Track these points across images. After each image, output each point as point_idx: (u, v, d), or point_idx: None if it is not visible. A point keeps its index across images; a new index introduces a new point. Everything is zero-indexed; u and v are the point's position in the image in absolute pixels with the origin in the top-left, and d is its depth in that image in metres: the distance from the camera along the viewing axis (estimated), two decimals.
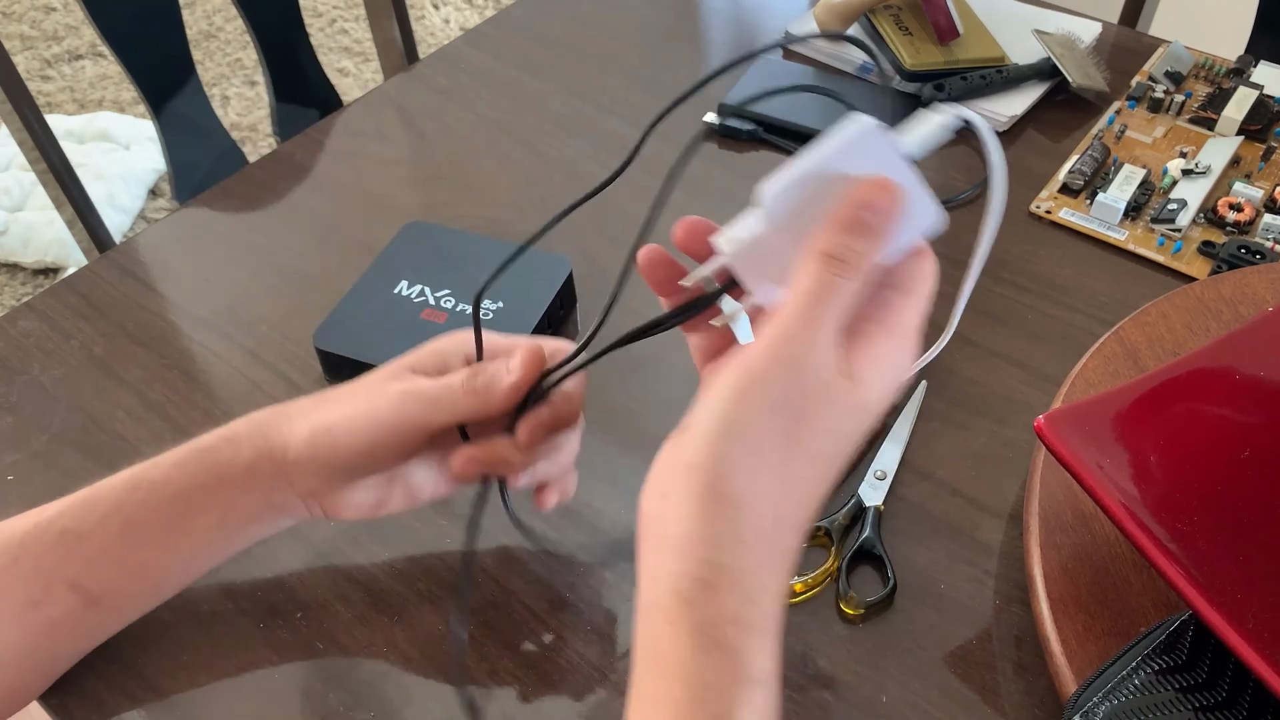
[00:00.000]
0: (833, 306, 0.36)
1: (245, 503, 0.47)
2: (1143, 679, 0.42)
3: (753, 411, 0.35)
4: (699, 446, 0.35)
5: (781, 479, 0.35)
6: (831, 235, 0.36)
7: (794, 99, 0.79)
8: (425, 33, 2.28)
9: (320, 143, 0.79)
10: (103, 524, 0.45)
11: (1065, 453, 0.46)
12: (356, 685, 0.49)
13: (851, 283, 0.36)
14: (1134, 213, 0.70)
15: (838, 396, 0.36)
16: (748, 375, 0.35)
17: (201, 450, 0.47)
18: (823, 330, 0.35)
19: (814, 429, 0.35)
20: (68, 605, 0.45)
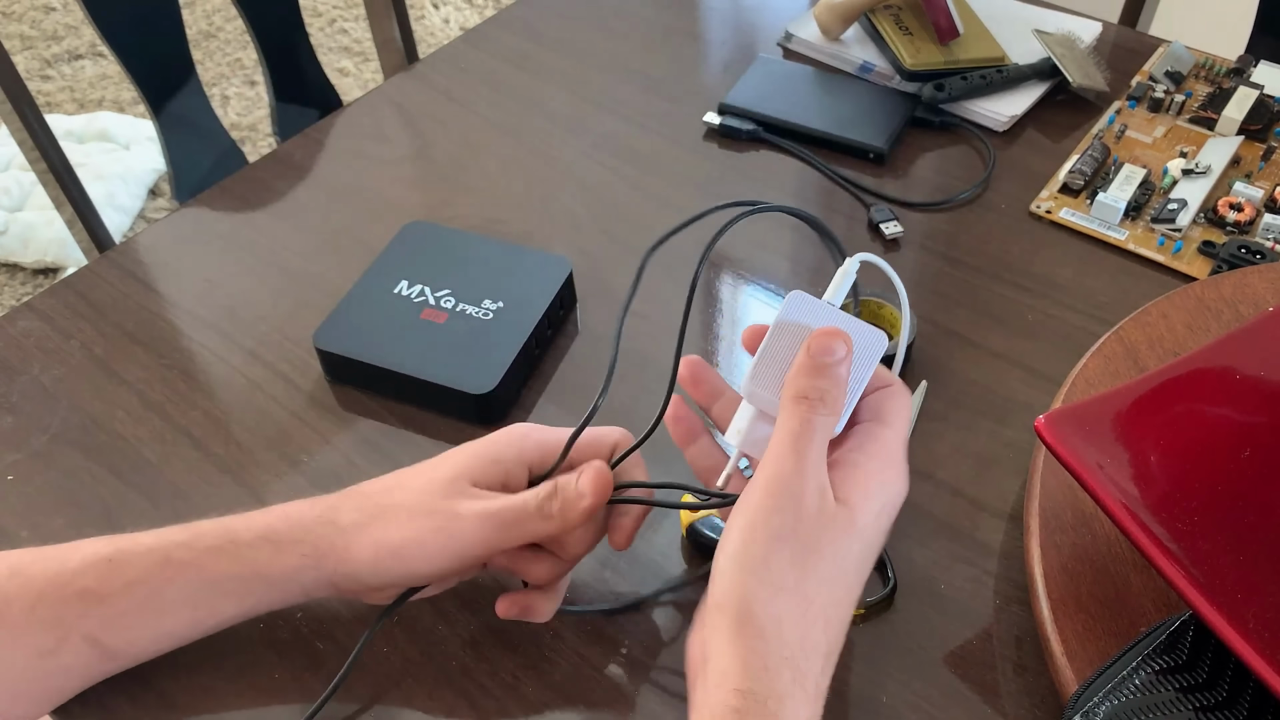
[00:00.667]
0: (814, 439, 0.40)
1: (279, 596, 0.47)
2: (1143, 679, 0.42)
3: (762, 545, 0.39)
4: (721, 586, 0.39)
5: (799, 604, 0.38)
6: (800, 380, 0.41)
7: (794, 99, 0.79)
8: (425, 33, 2.28)
9: (320, 143, 0.79)
10: (127, 591, 0.45)
11: (1065, 453, 0.46)
12: (356, 685, 0.49)
13: (826, 417, 0.41)
14: (1134, 213, 0.70)
15: (834, 520, 0.40)
16: (753, 514, 0.39)
17: (239, 545, 0.46)
18: (809, 462, 0.40)
19: (820, 553, 0.39)
20: (83, 657, 0.45)
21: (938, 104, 0.79)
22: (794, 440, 0.40)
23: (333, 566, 0.46)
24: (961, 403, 0.60)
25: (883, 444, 0.42)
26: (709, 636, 0.39)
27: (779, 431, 0.41)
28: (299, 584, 0.46)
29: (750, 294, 0.67)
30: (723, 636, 0.38)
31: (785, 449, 0.40)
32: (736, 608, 0.38)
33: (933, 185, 0.74)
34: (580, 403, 0.61)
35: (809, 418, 0.40)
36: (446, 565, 0.46)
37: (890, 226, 0.70)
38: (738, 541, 0.39)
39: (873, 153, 0.75)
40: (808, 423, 0.40)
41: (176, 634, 0.47)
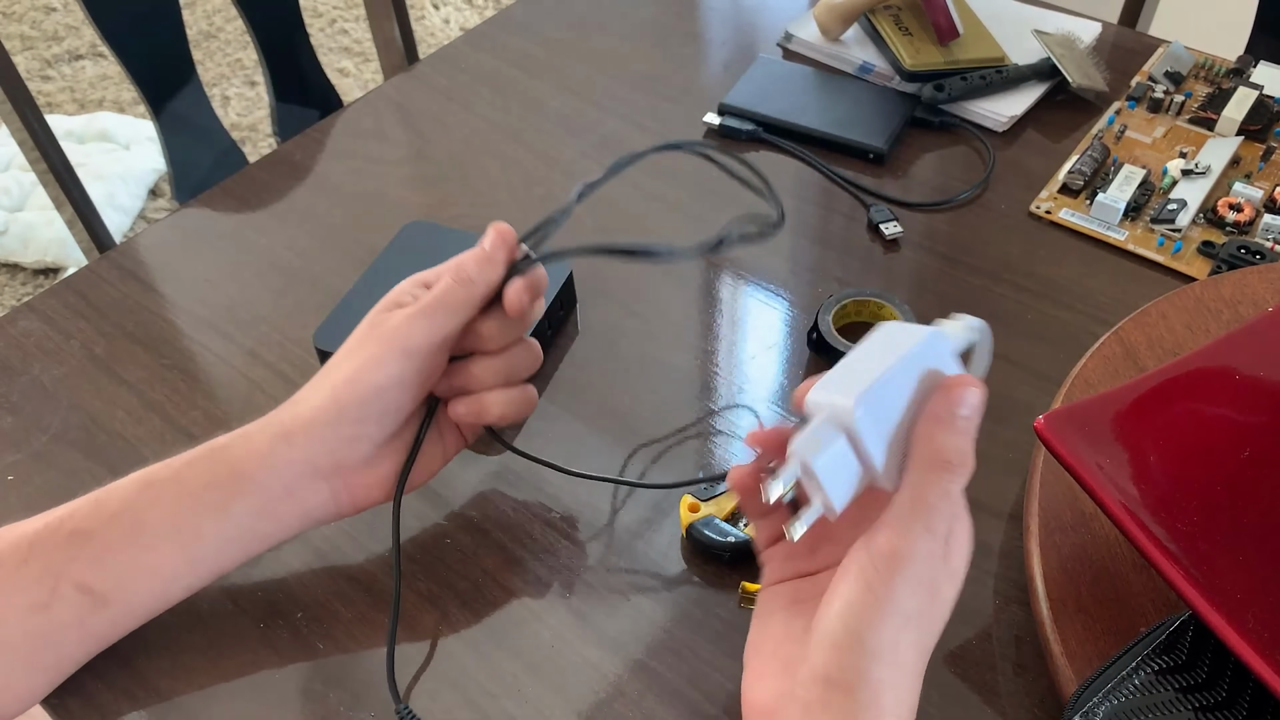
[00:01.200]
0: (950, 513, 0.37)
1: (262, 499, 0.46)
2: (1143, 679, 0.42)
3: (893, 630, 0.36)
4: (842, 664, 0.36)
5: (913, 677, 0.38)
6: (939, 435, 0.37)
7: (794, 99, 0.79)
8: (425, 33, 2.28)
9: (320, 143, 0.79)
10: (112, 523, 0.45)
11: (1065, 453, 0.46)
12: (356, 685, 0.49)
13: (962, 483, 0.37)
14: (1134, 213, 0.70)
15: (948, 595, 0.38)
16: (878, 594, 0.36)
17: (214, 449, 0.47)
18: (942, 541, 0.37)
19: (934, 628, 0.38)
20: (75, 607, 0.45)
21: (937, 104, 0.79)
22: (930, 516, 0.37)
23: (301, 432, 0.46)
24: None
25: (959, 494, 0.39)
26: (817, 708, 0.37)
27: (910, 498, 0.37)
28: (275, 473, 0.46)
29: (750, 294, 0.67)
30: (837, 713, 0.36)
31: (919, 525, 0.37)
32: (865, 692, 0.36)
33: (932, 185, 0.74)
34: (580, 403, 0.61)
35: (948, 488, 0.37)
36: (399, 371, 0.46)
37: (890, 227, 0.70)
38: (864, 622, 0.36)
39: (872, 153, 0.75)
40: (947, 495, 0.37)
41: (163, 569, 0.46)
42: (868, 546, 0.37)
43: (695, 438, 0.59)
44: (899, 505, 0.37)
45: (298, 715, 0.48)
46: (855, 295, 0.63)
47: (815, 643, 0.37)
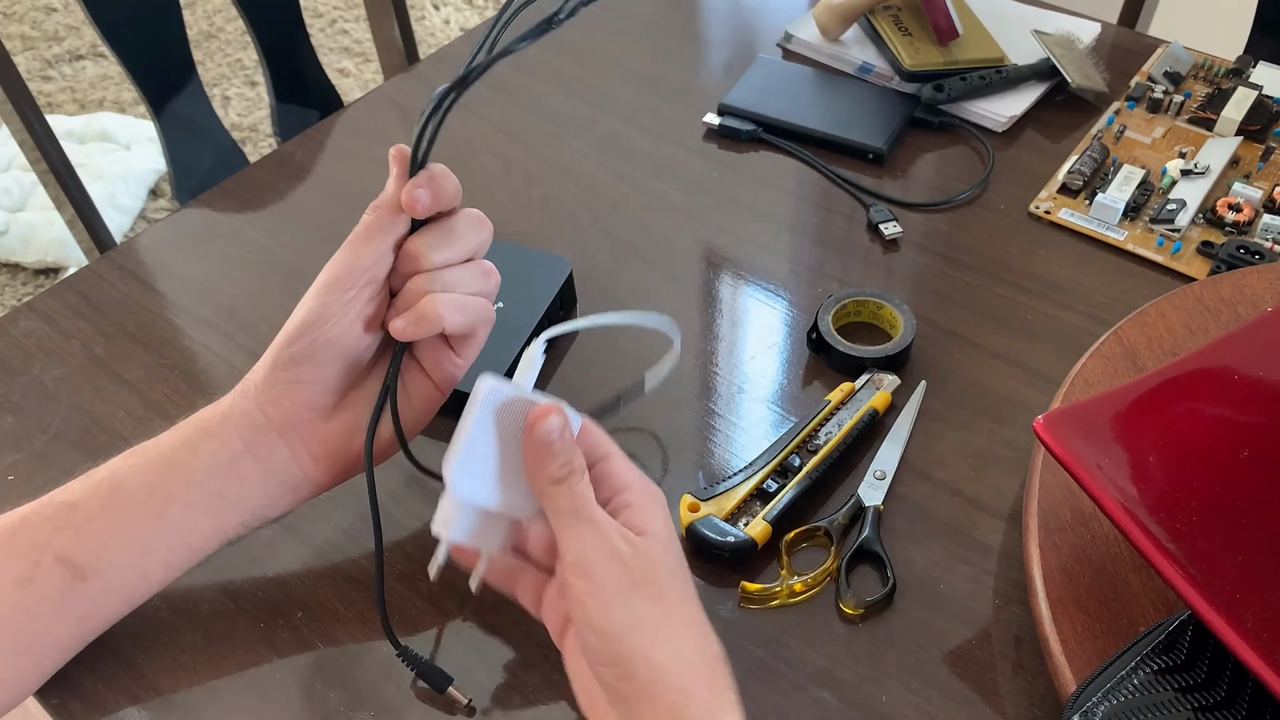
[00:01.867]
0: (589, 502, 0.43)
1: (224, 457, 0.46)
2: (1142, 679, 0.43)
3: (620, 608, 0.41)
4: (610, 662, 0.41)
5: (678, 631, 0.41)
6: (546, 466, 0.43)
7: (794, 100, 0.79)
8: (425, 33, 2.28)
9: (320, 143, 0.79)
10: (94, 491, 0.46)
11: (1064, 453, 0.46)
12: (356, 685, 0.49)
13: (583, 482, 0.43)
14: (1133, 213, 0.70)
15: (651, 551, 0.42)
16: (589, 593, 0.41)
17: (194, 415, 0.48)
18: (600, 522, 0.42)
19: (660, 583, 0.42)
20: (56, 580, 0.45)
21: (937, 104, 0.79)
22: (576, 514, 0.42)
23: (252, 388, 0.47)
24: (961, 403, 0.60)
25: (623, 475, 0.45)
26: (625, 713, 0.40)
27: (555, 517, 0.43)
28: (234, 428, 0.47)
29: (750, 294, 0.67)
30: (644, 703, 0.40)
31: (574, 526, 0.42)
32: (639, 666, 0.40)
33: (932, 186, 0.74)
34: (580, 403, 0.61)
35: (573, 490, 0.43)
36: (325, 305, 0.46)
37: (889, 227, 0.70)
38: (597, 619, 0.41)
39: (872, 153, 0.75)
40: (575, 495, 0.43)
41: (141, 538, 0.46)
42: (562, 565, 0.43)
43: (695, 438, 0.59)
44: (554, 525, 0.43)
45: (298, 715, 0.48)
46: (855, 295, 0.63)
47: (590, 661, 0.42)
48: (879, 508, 0.54)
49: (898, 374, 0.60)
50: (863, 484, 0.56)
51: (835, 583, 0.52)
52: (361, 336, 0.47)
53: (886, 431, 0.58)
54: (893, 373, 0.60)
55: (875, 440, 0.58)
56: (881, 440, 0.58)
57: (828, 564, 0.52)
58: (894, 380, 0.60)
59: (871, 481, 0.56)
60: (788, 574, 0.52)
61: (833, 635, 0.50)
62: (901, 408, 0.59)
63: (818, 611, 0.51)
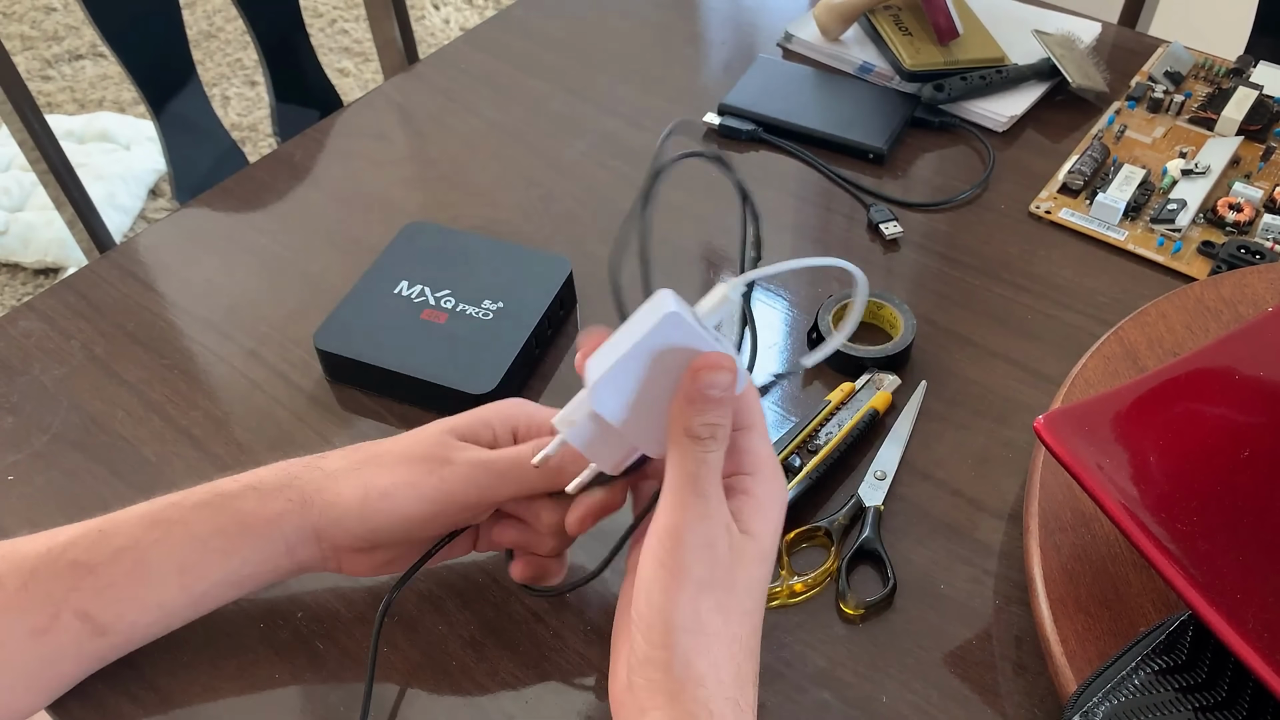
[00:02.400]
0: (714, 477, 0.40)
1: (265, 554, 0.46)
2: (1142, 679, 0.42)
3: (690, 599, 0.38)
4: (654, 640, 0.39)
5: (729, 644, 0.39)
6: (690, 415, 0.40)
7: (794, 99, 0.79)
8: (425, 33, 2.28)
9: (320, 143, 0.79)
10: (116, 559, 0.45)
11: (1064, 453, 0.46)
12: (356, 685, 0.49)
13: (719, 451, 0.40)
14: (1134, 213, 0.70)
15: (745, 554, 0.40)
16: (668, 567, 0.39)
17: (224, 496, 0.46)
18: (713, 502, 0.39)
19: (738, 590, 0.40)
20: (75, 634, 0.45)
21: (937, 104, 0.79)
22: (693, 483, 0.39)
23: (318, 511, 0.46)
24: (961, 403, 0.60)
25: (760, 456, 0.42)
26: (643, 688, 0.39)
27: (675, 473, 0.40)
28: (281, 535, 0.46)
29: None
30: (663, 693, 0.38)
31: (688, 494, 0.39)
32: (674, 666, 0.38)
33: (932, 185, 0.74)
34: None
35: (704, 457, 0.40)
36: (435, 509, 0.45)
37: (890, 227, 0.70)
38: (663, 596, 0.39)
39: (872, 153, 0.75)
40: (703, 461, 0.39)
41: (166, 604, 0.46)
42: (653, 528, 0.40)
43: None
44: (668, 480, 0.40)
45: (298, 715, 0.48)
46: None
47: (633, 628, 0.40)
48: (879, 508, 0.54)
49: (898, 374, 0.60)
50: (863, 484, 0.56)
51: (835, 583, 0.52)
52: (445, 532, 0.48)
53: (887, 431, 0.58)
54: (893, 373, 0.60)
55: (875, 440, 0.58)
56: (882, 440, 0.58)
57: (828, 564, 0.52)
58: (894, 380, 0.60)
59: (872, 481, 0.56)
60: (788, 574, 0.52)
61: (833, 635, 0.50)
62: (902, 408, 0.59)
63: (818, 611, 0.51)
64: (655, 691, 0.38)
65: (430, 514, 0.45)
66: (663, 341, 0.40)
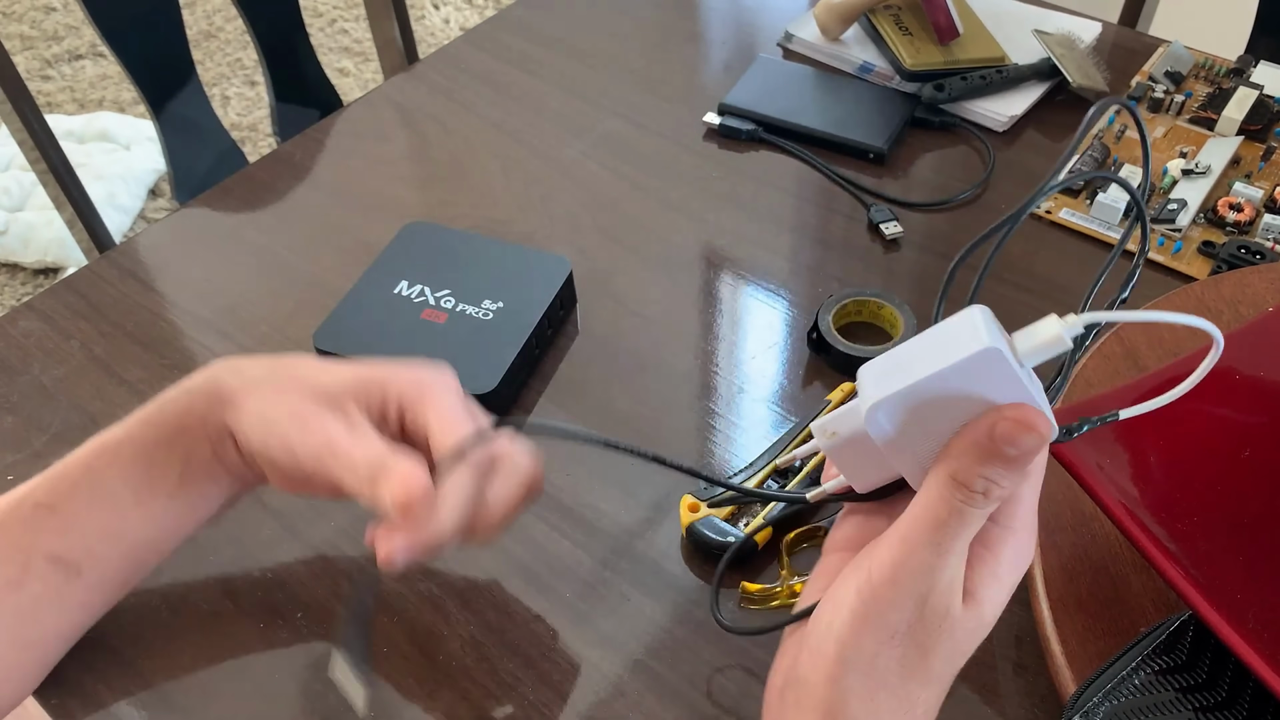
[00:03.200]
0: (961, 535, 0.34)
1: (200, 454, 0.47)
2: (1143, 679, 0.42)
3: (873, 642, 0.34)
4: (818, 667, 0.35)
5: (899, 701, 0.35)
6: (967, 462, 0.34)
7: (794, 99, 0.79)
8: (425, 33, 2.28)
9: (320, 143, 0.79)
10: (73, 493, 0.45)
11: (1065, 453, 0.46)
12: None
13: (983, 512, 0.34)
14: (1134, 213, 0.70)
15: (959, 624, 0.35)
16: (869, 603, 0.34)
17: (162, 402, 0.47)
18: (949, 559, 0.34)
19: (933, 655, 0.35)
20: (49, 580, 0.45)
21: (937, 104, 0.79)
22: (936, 530, 0.34)
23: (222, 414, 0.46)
24: None
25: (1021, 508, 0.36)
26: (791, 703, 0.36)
27: (919, 510, 0.34)
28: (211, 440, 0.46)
29: (750, 294, 0.67)
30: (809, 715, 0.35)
31: (923, 537, 0.34)
32: (831, 699, 0.35)
33: (932, 185, 0.74)
34: (580, 403, 0.61)
35: (963, 510, 0.34)
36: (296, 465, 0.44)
37: (890, 227, 0.70)
38: (847, 626, 0.35)
39: (872, 153, 0.75)
40: (959, 515, 0.34)
41: (127, 532, 0.46)
42: (871, 551, 0.36)
43: (695, 438, 0.59)
44: (909, 512, 0.35)
45: (298, 715, 0.48)
46: (855, 295, 0.63)
47: (805, 639, 0.36)
48: None
49: None
50: None
51: None
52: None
53: None
54: None
55: None
56: None
57: None
58: None
59: None
60: (788, 574, 0.52)
61: None
62: None
63: None
64: (801, 711, 0.36)
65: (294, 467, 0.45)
66: (970, 377, 0.34)
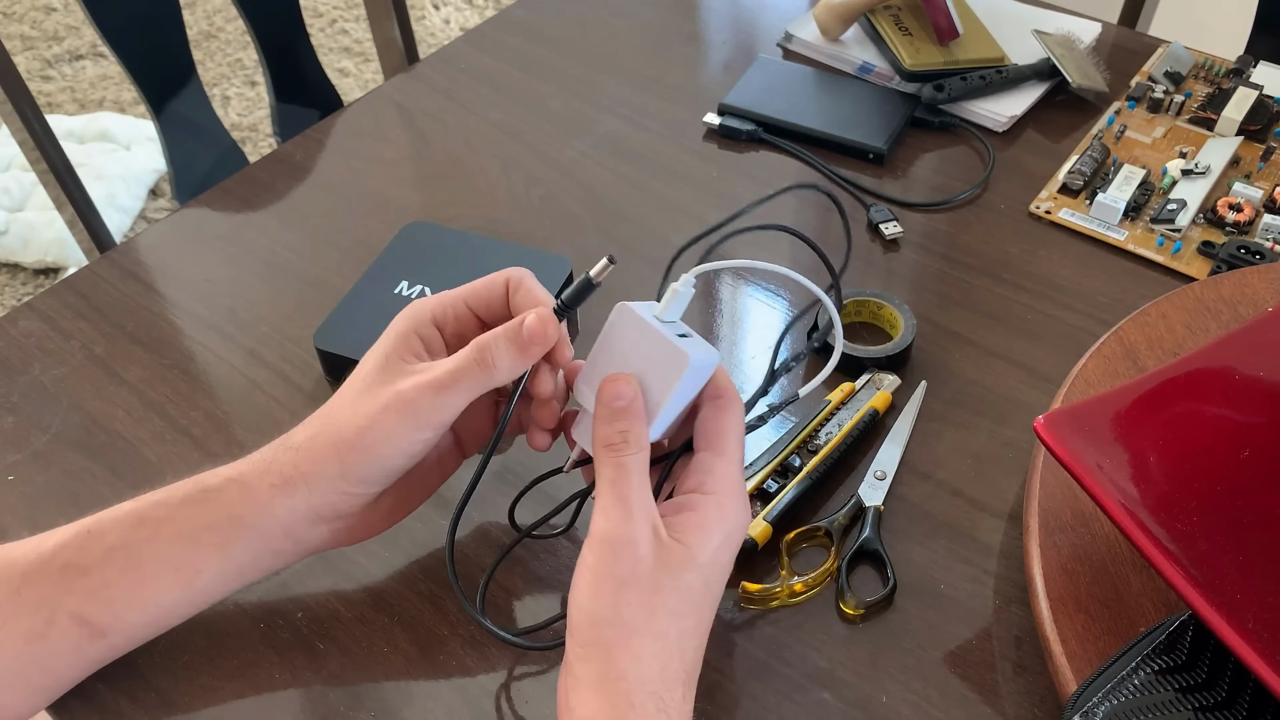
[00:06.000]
0: (632, 481, 0.42)
1: (261, 541, 0.46)
2: (1142, 679, 0.42)
3: (610, 595, 0.41)
4: (580, 639, 0.41)
5: (653, 640, 0.41)
6: (602, 428, 0.43)
7: (794, 99, 0.79)
8: (425, 33, 2.28)
9: (320, 143, 0.79)
10: (107, 559, 0.44)
11: (1064, 453, 0.46)
12: (356, 685, 0.49)
13: (635, 455, 0.43)
14: (1134, 213, 0.70)
15: (673, 558, 0.42)
16: (596, 567, 0.41)
17: (207, 491, 0.46)
18: (634, 505, 0.42)
19: (664, 590, 0.41)
20: (72, 637, 0.44)
21: (937, 104, 0.79)
22: (614, 488, 0.42)
23: (303, 487, 0.45)
24: (961, 403, 0.60)
25: (719, 477, 0.44)
26: (571, 687, 0.41)
27: (600, 482, 0.43)
28: (277, 521, 0.45)
29: (750, 294, 0.67)
30: (587, 687, 0.40)
31: (610, 500, 0.42)
32: (597, 658, 0.40)
33: (932, 185, 0.74)
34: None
35: (620, 461, 0.43)
36: (409, 440, 0.45)
37: (890, 227, 0.70)
38: (588, 596, 0.41)
39: (872, 153, 0.75)
40: (620, 467, 0.42)
41: (162, 602, 0.46)
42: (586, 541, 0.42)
43: None
44: (596, 491, 0.43)
45: (298, 715, 0.48)
46: (855, 295, 0.63)
47: (567, 633, 0.42)
48: (879, 508, 0.54)
49: (898, 374, 0.60)
50: (863, 484, 0.56)
51: (835, 583, 0.52)
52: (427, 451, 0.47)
53: (887, 431, 0.58)
54: (893, 373, 0.60)
55: (875, 440, 0.58)
56: (882, 440, 0.58)
57: (828, 564, 0.52)
58: (894, 380, 0.60)
59: (872, 481, 0.56)
60: (788, 574, 0.52)
61: (833, 635, 0.50)
62: (902, 408, 0.59)
63: (818, 611, 0.51)
64: (580, 687, 0.40)
65: (404, 445, 0.45)
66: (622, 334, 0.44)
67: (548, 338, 0.46)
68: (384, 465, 0.46)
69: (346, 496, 0.46)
